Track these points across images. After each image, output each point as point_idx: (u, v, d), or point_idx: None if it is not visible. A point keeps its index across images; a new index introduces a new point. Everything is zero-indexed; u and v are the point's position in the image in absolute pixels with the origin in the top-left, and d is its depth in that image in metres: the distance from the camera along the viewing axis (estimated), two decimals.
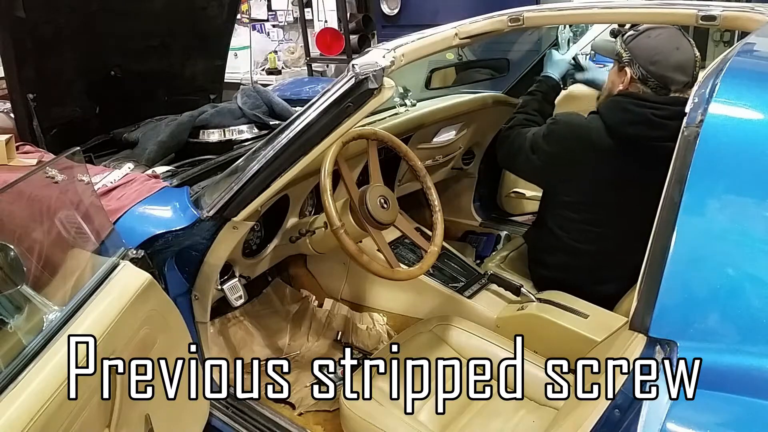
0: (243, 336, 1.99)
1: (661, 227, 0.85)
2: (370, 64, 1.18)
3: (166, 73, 2.23)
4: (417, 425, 1.37)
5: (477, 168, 2.66)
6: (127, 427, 1.12)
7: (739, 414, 0.77)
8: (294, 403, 1.77)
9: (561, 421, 1.15)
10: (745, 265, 0.82)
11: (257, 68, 5.21)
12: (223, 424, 1.59)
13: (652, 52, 1.54)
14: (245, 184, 1.34)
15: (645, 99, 1.54)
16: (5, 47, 1.69)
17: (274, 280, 2.19)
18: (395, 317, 2.05)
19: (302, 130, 1.27)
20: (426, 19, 3.21)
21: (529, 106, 1.87)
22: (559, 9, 1.50)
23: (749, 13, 1.26)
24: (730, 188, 0.85)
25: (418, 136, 2.15)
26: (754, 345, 0.79)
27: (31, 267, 1.07)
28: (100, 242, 1.24)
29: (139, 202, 1.44)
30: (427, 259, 1.54)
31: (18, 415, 0.87)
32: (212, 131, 1.94)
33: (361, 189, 1.49)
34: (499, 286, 1.86)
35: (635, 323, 0.86)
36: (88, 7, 1.83)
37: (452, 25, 1.50)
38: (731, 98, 0.87)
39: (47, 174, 1.16)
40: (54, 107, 1.89)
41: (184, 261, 1.50)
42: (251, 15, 5.41)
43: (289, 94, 2.61)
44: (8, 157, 1.63)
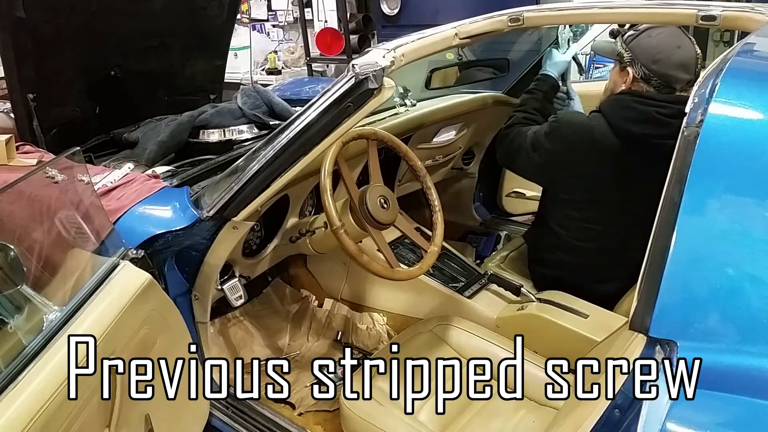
0: (243, 336, 1.99)
1: (661, 227, 0.85)
2: (370, 64, 1.18)
3: (166, 73, 2.23)
4: (417, 425, 1.37)
5: (477, 168, 2.66)
6: (127, 427, 1.12)
7: (739, 414, 0.77)
8: (294, 403, 1.77)
9: (561, 421, 1.15)
10: (745, 265, 0.82)
11: (257, 68, 5.21)
12: (223, 424, 1.59)
13: (653, 51, 1.54)
14: (245, 184, 1.34)
15: (649, 97, 1.54)
16: (5, 47, 1.69)
17: (274, 280, 2.19)
18: (395, 317, 2.05)
19: (302, 130, 1.27)
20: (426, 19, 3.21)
21: (529, 105, 1.87)
22: (559, 9, 1.50)
23: (749, 13, 1.26)
24: (730, 188, 0.85)
25: (418, 136, 2.15)
26: (754, 345, 0.79)
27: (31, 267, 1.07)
28: (100, 242, 1.24)
29: (139, 202, 1.44)
30: (427, 259, 1.54)
31: (18, 415, 0.87)
32: (212, 131, 1.94)
33: (361, 189, 1.49)
34: (499, 286, 1.86)
35: (635, 323, 0.86)
36: (88, 7, 1.83)
37: (452, 25, 1.50)
38: (731, 98, 0.87)
39: (47, 174, 1.16)
40: (54, 107, 1.89)
41: (184, 261, 1.50)
42: (251, 15, 5.42)
43: (289, 94, 2.61)
44: (8, 157, 1.63)
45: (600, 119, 1.60)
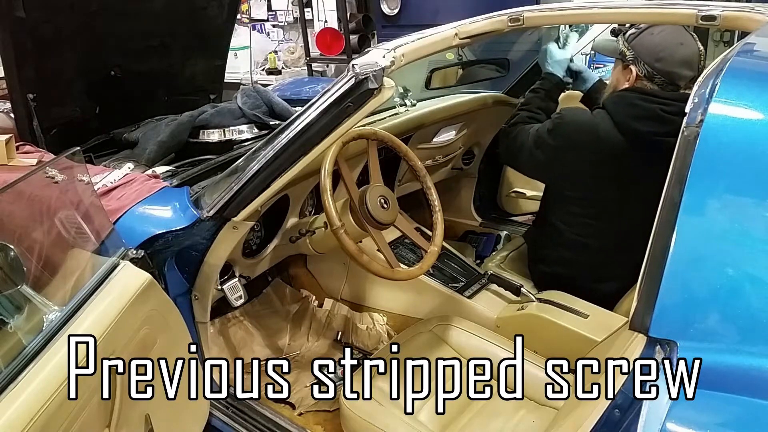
0: (243, 336, 1.99)
1: (661, 227, 0.85)
2: (370, 64, 1.18)
3: (166, 73, 2.23)
4: (417, 425, 1.37)
5: (477, 168, 2.66)
6: (127, 427, 1.12)
7: (739, 414, 0.77)
8: (294, 403, 1.77)
9: (561, 421, 1.15)
10: (745, 265, 0.82)
11: (257, 68, 5.21)
12: (223, 424, 1.59)
13: (656, 49, 1.54)
14: (245, 184, 1.34)
15: (653, 94, 1.54)
16: (5, 47, 1.69)
17: (274, 280, 2.19)
18: (395, 317, 2.05)
19: (302, 130, 1.27)
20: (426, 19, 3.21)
21: (533, 104, 1.86)
22: (559, 9, 1.50)
23: (749, 13, 1.26)
24: (730, 188, 0.85)
25: (418, 136, 2.15)
26: (754, 345, 0.79)
27: (31, 267, 1.07)
28: (100, 242, 1.24)
29: (139, 202, 1.44)
30: (427, 259, 1.54)
31: (18, 415, 0.87)
32: (212, 131, 1.94)
33: (361, 189, 1.49)
34: (499, 286, 1.86)
35: (635, 323, 0.86)
36: (88, 7, 1.83)
37: (452, 25, 1.50)
38: (731, 98, 0.87)
39: (47, 174, 1.16)
40: (54, 107, 1.89)
41: (184, 261, 1.50)
42: (251, 15, 5.42)
43: (289, 94, 2.61)
44: (8, 157, 1.63)
45: (604, 116, 1.59)
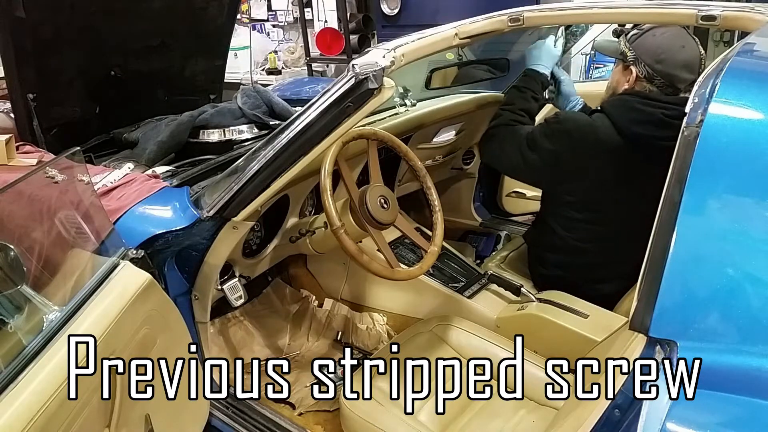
0: (243, 336, 1.99)
1: (661, 227, 0.85)
2: (370, 64, 1.18)
3: (166, 73, 2.23)
4: (417, 425, 1.37)
5: (477, 168, 2.65)
6: (127, 427, 1.12)
7: (739, 414, 0.77)
8: (294, 403, 1.77)
9: (561, 421, 1.15)
10: (745, 265, 0.82)
11: (257, 68, 5.21)
12: (223, 424, 1.59)
13: (657, 51, 1.53)
14: (245, 184, 1.34)
15: (654, 99, 1.53)
16: (5, 47, 1.69)
17: (274, 280, 2.19)
18: (395, 317, 2.05)
19: (302, 130, 1.27)
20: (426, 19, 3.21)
21: (517, 105, 1.80)
22: (559, 9, 1.50)
23: (749, 13, 1.26)
24: (730, 188, 0.85)
25: (418, 136, 2.15)
26: (754, 345, 0.79)
27: (31, 267, 1.07)
28: (100, 242, 1.24)
29: (139, 202, 1.44)
30: (427, 259, 1.54)
31: (18, 415, 0.87)
32: (212, 131, 1.94)
33: (361, 189, 1.49)
34: (499, 286, 1.86)
35: (635, 323, 0.86)
36: (88, 7, 1.83)
37: (452, 25, 1.50)
38: (731, 98, 0.87)
39: (47, 174, 1.16)
40: (54, 107, 1.89)
41: (184, 261, 1.50)
42: (251, 15, 5.42)
43: (289, 94, 2.61)
44: (8, 157, 1.63)
45: (604, 120, 1.58)
